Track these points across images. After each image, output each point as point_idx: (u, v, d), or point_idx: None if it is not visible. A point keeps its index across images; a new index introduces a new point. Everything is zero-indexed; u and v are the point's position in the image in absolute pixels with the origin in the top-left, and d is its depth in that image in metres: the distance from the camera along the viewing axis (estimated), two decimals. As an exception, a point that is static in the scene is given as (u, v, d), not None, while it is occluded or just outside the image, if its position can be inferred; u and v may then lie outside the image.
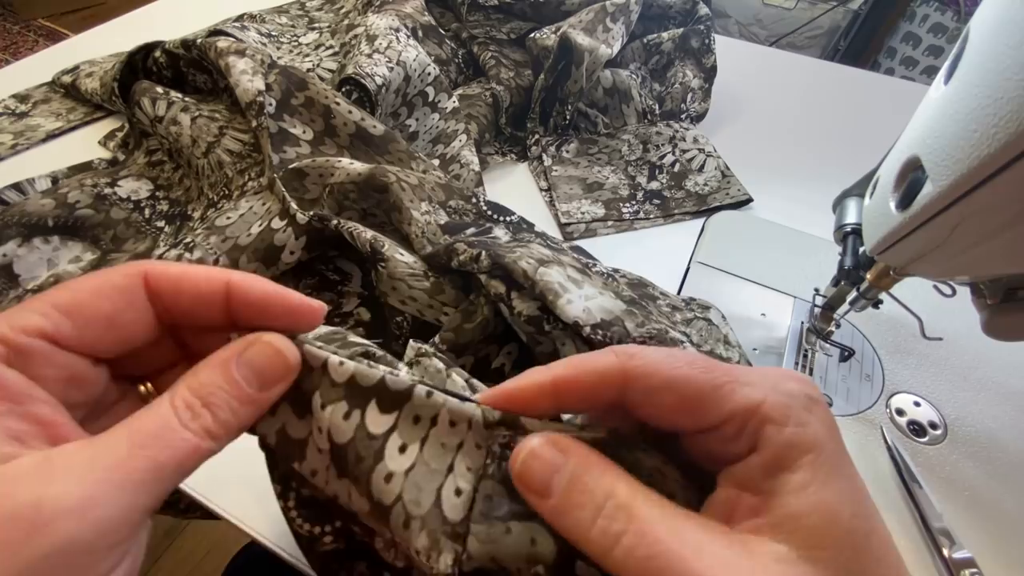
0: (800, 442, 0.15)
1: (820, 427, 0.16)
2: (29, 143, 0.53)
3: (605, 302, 0.30)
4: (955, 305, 0.35)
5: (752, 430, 0.16)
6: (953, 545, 0.30)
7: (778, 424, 0.15)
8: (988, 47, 0.21)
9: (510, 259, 0.32)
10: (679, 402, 0.16)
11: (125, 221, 0.45)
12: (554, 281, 0.31)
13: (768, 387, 0.16)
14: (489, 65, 0.59)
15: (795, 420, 0.15)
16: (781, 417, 0.15)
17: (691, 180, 0.54)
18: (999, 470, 0.35)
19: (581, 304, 0.30)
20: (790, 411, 0.16)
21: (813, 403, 0.16)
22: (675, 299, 0.38)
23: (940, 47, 1.62)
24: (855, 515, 0.15)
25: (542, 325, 0.32)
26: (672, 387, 0.16)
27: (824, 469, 0.15)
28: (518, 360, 0.36)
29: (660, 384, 0.16)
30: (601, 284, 0.33)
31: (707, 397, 0.16)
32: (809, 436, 0.15)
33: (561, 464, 0.16)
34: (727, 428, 0.16)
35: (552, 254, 0.34)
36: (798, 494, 0.15)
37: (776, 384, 0.16)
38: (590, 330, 0.29)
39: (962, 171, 0.21)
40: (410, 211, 0.38)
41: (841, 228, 0.37)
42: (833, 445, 0.15)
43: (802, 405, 0.16)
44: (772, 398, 0.16)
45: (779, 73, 0.73)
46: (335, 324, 0.38)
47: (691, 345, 0.31)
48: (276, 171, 0.41)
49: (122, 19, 0.73)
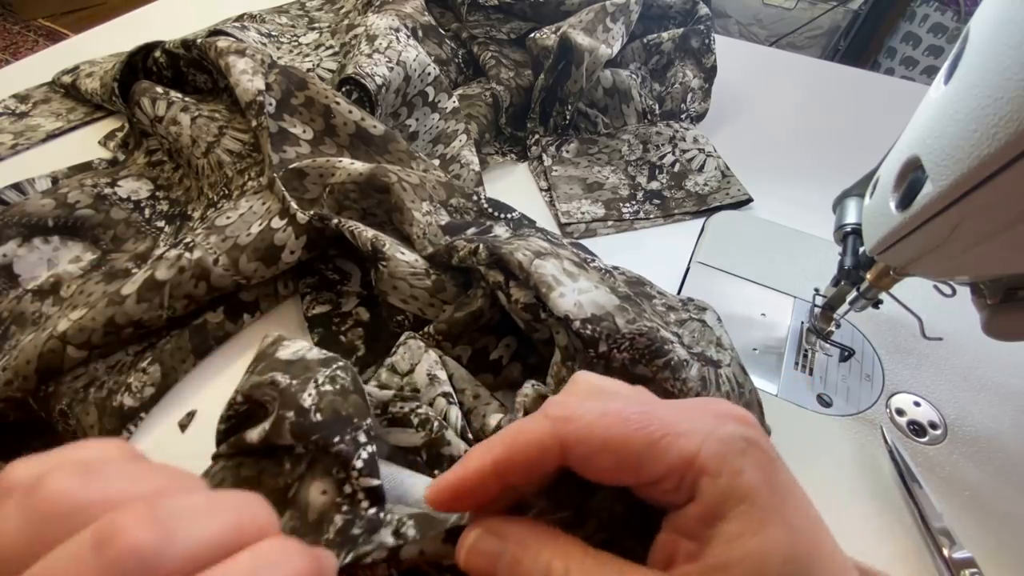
0: (733, 492, 0.15)
1: (754, 473, 0.16)
2: (29, 143, 0.53)
3: (598, 296, 0.30)
4: (955, 305, 0.35)
5: (690, 481, 0.16)
6: (953, 545, 0.30)
7: (713, 475, 0.16)
8: (988, 47, 0.21)
9: (507, 250, 0.32)
10: (617, 463, 0.16)
11: (125, 221, 0.45)
12: (547, 274, 0.31)
13: (704, 433, 0.16)
14: (489, 65, 0.59)
15: (728, 469, 0.16)
16: (715, 468, 0.16)
17: (691, 180, 0.54)
18: (999, 470, 0.35)
19: (573, 298, 0.30)
20: (725, 460, 0.16)
21: (749, 445, 0.16)
22: (672, 299, 0.38)
23: (940, 47, 1.62)
24: (786, 562, 0.15)
25: (538, 313, 0.32)
26: (608, 449, 0.16)
27: (757, 517, 0.15)
28: (517, 352, 0.36)
29: (596, 448, 0.16)
30: (598, 278, 0.33)
31: (644, 455, 0.16)
32: (743, 485, 0.15)
33: (501, 551, 0.17)
34: (666, 482, 0.16)
35: (550, 247, 0.34)
36: (730, 544, 0.15)
37: (712, 429, 0.16)
38: (580, 324, 0.29)
39: (962, 171, 0.21)
40: (411, 212, 0.38)
41: (841, 228, 0.37)
42: (767, 490, 0.16)
43: (738, 450, 0.16)
44: (707, 447, 0.16)
45: (779, 73, 0.73)
46: (335, 324, 0.38)
47: (681, 346, 0.31)
48: (276, 171, 0.41)
49: (122, 19, 0.73)
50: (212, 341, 0.37)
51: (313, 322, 0.38)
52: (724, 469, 0.16)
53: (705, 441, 0.16)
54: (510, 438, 0.17)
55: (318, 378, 0.22)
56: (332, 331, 0.38)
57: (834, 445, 0.36)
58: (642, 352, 0.30)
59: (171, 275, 0.35)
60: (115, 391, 0.34)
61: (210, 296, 0.37)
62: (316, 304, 0.39)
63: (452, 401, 0.29)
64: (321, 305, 0.39)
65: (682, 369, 0.30)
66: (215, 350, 0.38)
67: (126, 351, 0.36)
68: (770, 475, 0.16)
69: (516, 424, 0.18)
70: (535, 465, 0.17)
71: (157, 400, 0.35)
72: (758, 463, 0.16)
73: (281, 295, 0.41)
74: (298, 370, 0.22)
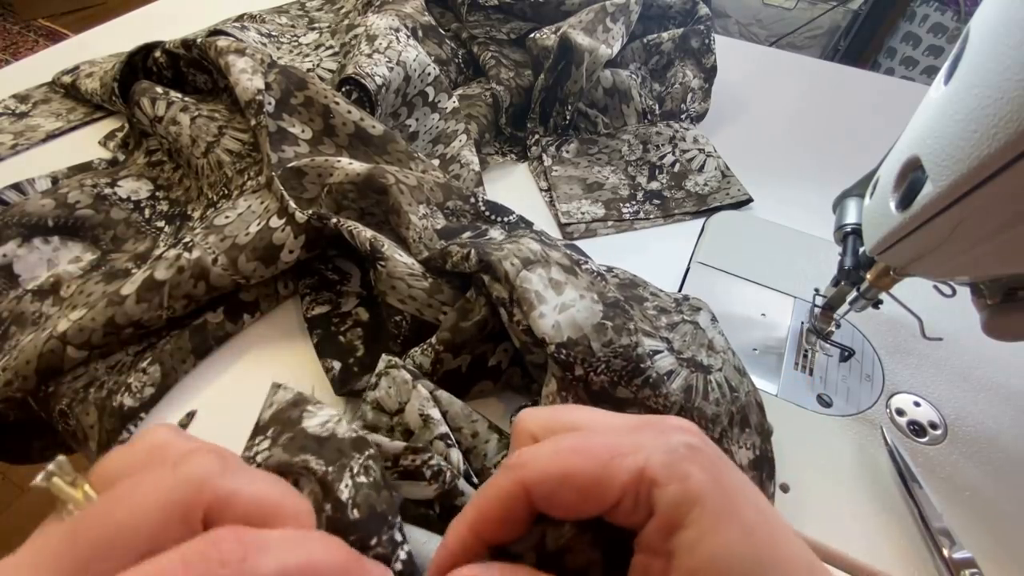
0: (685, 498, 0.16)
1: (702, 476, 0.16)
2: (29, 143, 0.53)
3: (578, 313, 0.30)
4: (955, 305, 0.35)
5: (644, 497, 0.16)
6: (953, 545, 0.30)
7: (662, 485, 0.16)
8: (988, 47, 0.21)
9: (496, 257, 0.32)
10: (578, 493, 0.17)
11: (125, 221, 0.45)
12: (531, 289, 0.31)
13: (650, 448, 0.17)
14: (489, 65, 0.59)
15: (677, 476, 0.16)
16: (664, 477, 0.16)
17: (691, 180, 0.54)
18: (999, 470, 0.35)
19: (552, 318, 0.30)
20: (671, 468, 0.16)
21: (693, 451, 0.17)
22: (665, 300, 0.38)
23: (940, 47, 1.62)
24: (744, 559, 0.15)
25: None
26: (566, 482, 0.17)
27: (710, 519, 0.15)
28: (515, 357, 0.36)
29: (556, 484, 0.17)
30: (587, 283, 0.33)
31: (599, 480, 0.16)
32: (693, 489, 0.16)
33: None
34: (625, 503, 0.16)
35: (541, 249, 0.33)
36: (691, 552, 0.15)
37: (656, 443, 0.17)
38: (555, 348, 0.29)
39: (962, 171, 0.21)
40: (408, 215, 0.38)
41: (841, 228, 0.37)
42: (717, 491, 0.16)
43: (682, 457, 0.16)
44: (653, 458, 0.16)
45: (779, 73, 0.73)
46: (334, 324, 0.38)
47: (670, 353, 0.31)
48: (275, 170, 0.41)
49: (122, 19, 0.73)
50: (212, 341, 0.37)
51: (313, 323, 0.38)
52: (672, 476, 0.16)
53: (651, 454, 0.16)
54: (478, 499, 0.18)
55: (353, 467, 0.21)
56: (331, 331, 0.38)
57: (834, 445, 0.36)
58: (619, 373, 0.30)
59: (170, 275, 0.35)
60: (115, 391, 0.34)
61: (209, 296, 0.37)
62: (316, 305, 0.39)
63: (451, 443, 0.28)
64: (321, 306, 0.39)
65: (662, 384, 0.30)
66: (215, 350, 0.38)
67: (126, 351, 0.36)
68: (718, 476, 0.16)
69: (482, 487, 0.18)
70: (509, 518, 0.18)
71: (157, 400, 0.35)
72: (704, 467, 0.16)
73: (281, 295, 0.41)
74: (332, 454, 0.22)
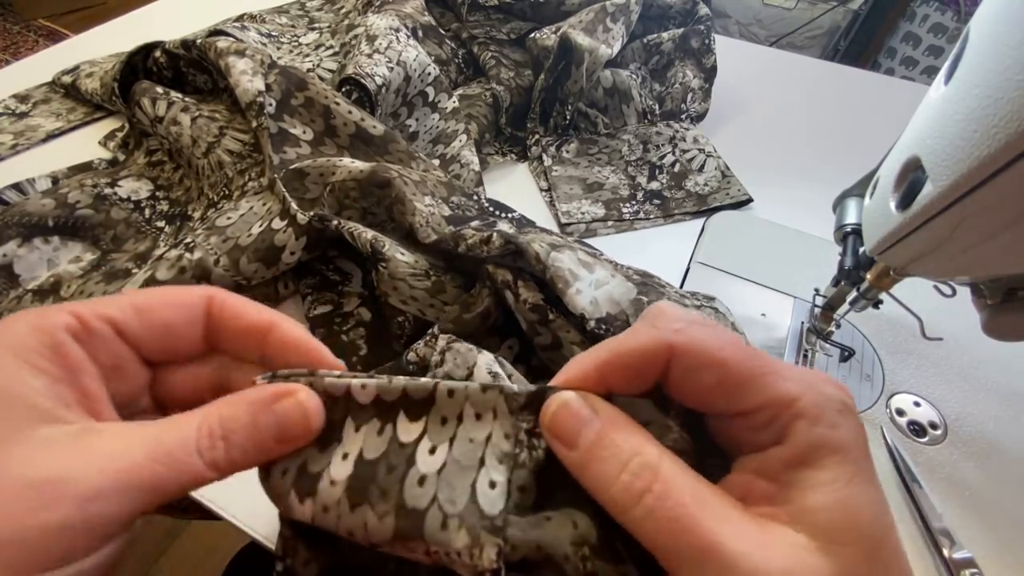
0: (828, 442, 0.15)
1: (850, 432, 0.16)
2: (29, 143, 0.53)
3: (614, 289, 0.30)
4: (955, 305, 0.35)
5: (783, 423, 0.16)
6: (953, 545, 0.30)
7: (810, 421, 0.16)
8: (988, 47, 0.21)
9: (524, 240, 0.32)
10: (719, 384, 0.16)
11: (125, 221, 0.45)
12: (565, 268, 0.31)
13: (806, 385, 0.16)
14: (489, 65, 0.59)
15: (827, 421, 0.16)
16: (814, 416, 0.16)
17: (691, 180, 0.54)
18: (999, 470, 0.35)
19: (589, 294, 0.30)
20: (824, 411, 0.16)
21: (847, 410, 0.16)
22: (680, 292, 0.38)
23: (940, 47, 1.62)
24: (875, 516, 0.15)
25: (547, 314, 0.32)
26: (716, 368, 0.16)
27: (849, 471, 0.15)
28: (520, 354, 0.36)
29: (705, 363, 0.16)
30: (612, 268, 0.33)
31: (747, 383, 0.16)
32: (839, 438, 0.15)
33: (591, 419, 0.17)
34: (759, 416, 0.16)
35: (562, 239, 0.34)
36: (821, 489, 0.15)
37: (814, 385, 0.16)
38: (595, 324, 0.29)
39: (962, 171, 0.21)
40: (413, 203, 0.38)
41: (841, 228, 0.37)
42: (860, 452, 0.16)
43: (836, 408, 0.16)
44: (809, 396, 0.16)
45: (779, 73, 0.73)
46: (336, 324, 0.38)
47: None
48: (276, 171, 0.41)
49: (122, 19, 0.73)
50: (212, 341, 0.37)
51: (315, 323, 0.38)
52: (823, 419, 0.16)
53: (808, 391, 0.16)
54: (616, 343, 0.17)
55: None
56: (334, 331, 0.38)
57: (834, 445, 0.36)
58: None
59: (172, 275, 0.35)
60: (115, 391, 0.34)
61: (210, 296, 0.37)
62: (318, 305, 0.39)
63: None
64: (323, 306, 0.39)
65: None
66: (215, 350, 0.38)
67: (126, 351, 0.36)
68: (863, 441, 0.16)
69: (621, 334, 0.18)
70: (639, 372, 0.17)
71: (157, 400, 0.35)
72: (854, 426, 0.16)
73: (282, 296, 0.41)
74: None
